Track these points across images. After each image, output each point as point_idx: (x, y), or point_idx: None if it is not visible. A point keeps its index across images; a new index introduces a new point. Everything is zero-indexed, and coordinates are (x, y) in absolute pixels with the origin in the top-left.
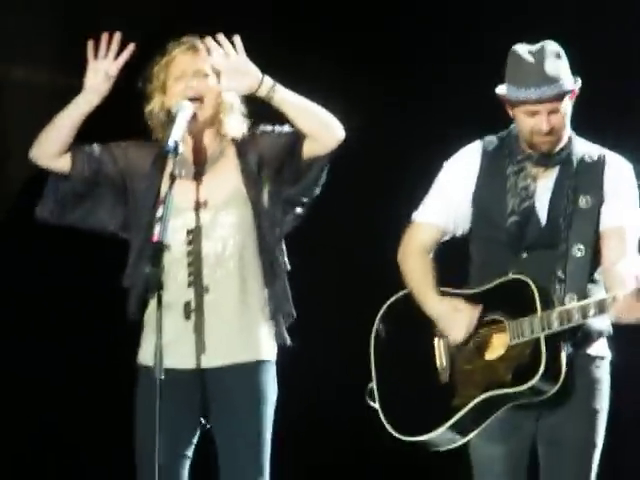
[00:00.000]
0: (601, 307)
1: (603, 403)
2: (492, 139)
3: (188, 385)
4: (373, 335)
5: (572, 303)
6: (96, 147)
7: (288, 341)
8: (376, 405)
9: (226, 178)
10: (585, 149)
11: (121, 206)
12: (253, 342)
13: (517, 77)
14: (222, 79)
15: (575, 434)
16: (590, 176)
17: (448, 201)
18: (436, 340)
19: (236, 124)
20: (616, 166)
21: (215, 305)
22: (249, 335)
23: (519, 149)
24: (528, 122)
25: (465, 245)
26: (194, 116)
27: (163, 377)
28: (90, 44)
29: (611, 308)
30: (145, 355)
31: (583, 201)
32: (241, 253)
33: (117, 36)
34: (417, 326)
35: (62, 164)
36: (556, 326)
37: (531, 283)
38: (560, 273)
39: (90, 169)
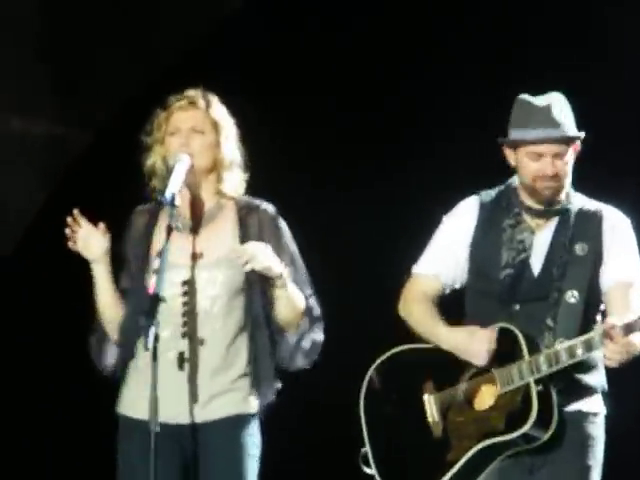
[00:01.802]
0: (588, 345)
1: (595, 460)
2: (489, 192)
3: (173, 438)
4: (362, 398)
5: (559, 345)
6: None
7: (270, 400)
8: (370, 470)
9: (222, 237)
10: (583, 202)
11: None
12: (237, 397)
13: (524, 119)
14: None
15: None
16: (588, 226)
17: (446, 254)
18: (426, 396)
19: (234, 181)
20: (615, 219)
21: (207, 358)
22: (233, 390)
23: (517, 202)
24: (532, 166)
25: (461, 298)
26: (191, 168)
27: (157, 429)
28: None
29: (599, 346)
30: (129, 405)
31: (579, 248)
32: (229, 313)
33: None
34: (405, 385)
35: None
36: (545, 369)
37: (516, 331)
38: (550, 321)
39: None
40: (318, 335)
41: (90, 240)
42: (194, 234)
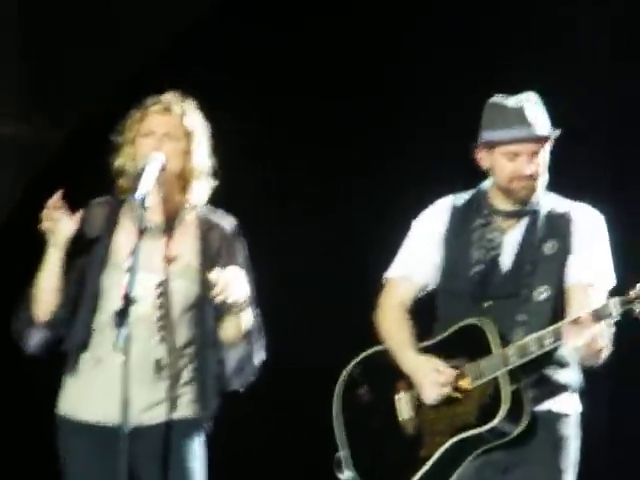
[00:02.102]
0: (557, 334)
1: (569, 460)
2: (462, 195)
3: (118, 440)
4: (337, 399)
5: (529, 337)
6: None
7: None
8: (344, 476)
9: (184, 246)
10: (554, 202)
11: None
12: (184, 401)
13: (499, 120)
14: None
15: None
16: (558, 224)
17: (418, 255)
18: (399, 394)
19: (201, 191)
20: (586, 216)
21: (139, 362)
22: (181, 395)
23: (486, 204)
24: (508, 167)
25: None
26: (163, 169)
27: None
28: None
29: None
30: (77, 407)
31: (549, 246)
32: (182, 322)
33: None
34: (379, 384)
35: None
36: (514, 360)
37: (485, 325)
38: (521, 317)
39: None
40: (258, 357)
41: (59, 224)
42: (166, 236)
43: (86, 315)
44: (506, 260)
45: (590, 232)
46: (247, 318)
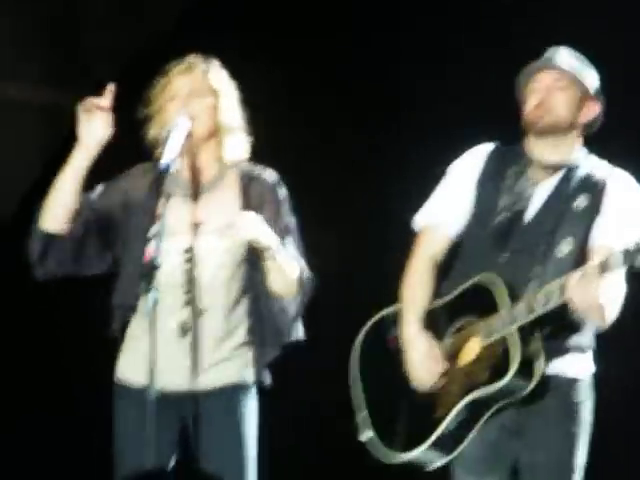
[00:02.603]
0: (563, 290)
1: (582, 424)
2: (502, 145)
3: (171, 406)
4: (355, 358)
5: (535, 292)
6: (93, 198)
7: (267, 379)
8: (364, 437)
9: (224, 206)
10: (595, 163)
11: (108, 248)
12: (237, 365)
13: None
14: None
15: (551, 459)
16: (593, 182)
17: (456, 201)
18: None
19: (236, 147)
20: (623, 182)
21: (208, 327)
22: (233, 359)
23: (525, 152)
24: (531, 100)
25: None
26: (189, 134)
27: (155, 395)
28: (88, 102)
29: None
30: (128, 372)
31: (579, 201)
32: (230, 281)
33: (110, 88)
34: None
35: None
36: (523, 317)
37: (497, 281)
38: (539, 271)
39: (95, 226)
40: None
41: (96, 123)
42: (195, 201)
43: (133, 281)
44: (531, 212)
45: (627, 197)
46: (289, 268)
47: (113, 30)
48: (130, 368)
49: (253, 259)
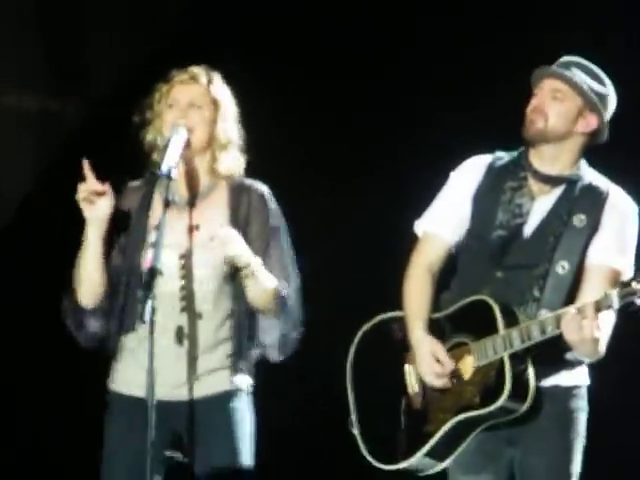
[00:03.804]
0: (559, 322)
1: (577, 433)
2: (502, 155)
3: (165, 415)
4: (349, 362)
5: (533, 320)
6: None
7: (250, 380)
8: (356, 431)
9: (213, 216)
10: (593, 177)
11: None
12: (231, 372)
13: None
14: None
15: (548, 464)
16: (591, 200)
17: (454, 212)
18: (407, 366)
19: (229, 162)
20: (621, 201)
21: (204, 333)
22: (227, 366)
23: (525, 164)
24: (529, 106)
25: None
26: (187, 142)
27: (154, 404)
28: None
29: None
30: (122, 382)
31: (577, 220)
32: (222, 290)
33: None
34: (388, 353)
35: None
36: (517, 344)
37: (493, 303)
38: (536, 291)
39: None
40: (291, 331)
41: (95, 198)
42: (190, 208)
43: (134, 297)
44: (530, 229)
45: (622, 216)
46: (267, 284)
47: (112, 38)
48: (126, 378)
49: (236, 275)
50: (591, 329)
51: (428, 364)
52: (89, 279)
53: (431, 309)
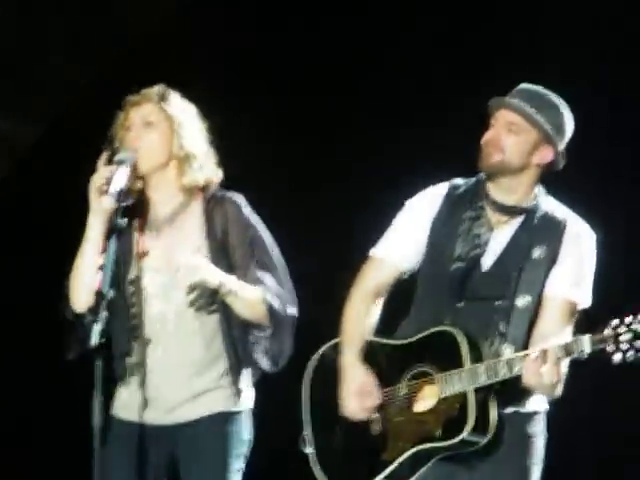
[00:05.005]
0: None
1: (535, 458)
2: (459, 183)
3: (158, 439)
4: (305, 384)
5: (500, 357)
6: None
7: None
8: (310, 450)
9: (186, 235)
10: (551, 207)
11: None
12: (223, 394)
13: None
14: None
15: None
16: (550, 231)
17: (406, 239)
18: None
19: (194, 174)
20: (579, 229)
21: (190, 357)
22: (218, 388)
23: (483, 194)
24: (483, 138)
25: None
26: (134, 167)
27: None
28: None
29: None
30: (118, 407)
31: (537, 253)
32: (203, 313)
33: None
34: None
35: None
36: (483, 380)
37: (459, 335)
38: (502, 326)
39: None
40: (284, 339)
41: (105, 189)
42: (142, 233)
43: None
44: (488, 260)
45: (582, 245)
46: (251, 297)
47: (67, 61)
48: (120, 403)
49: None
50: (550, 375)
51: (353, 396)
52: (87, 281)
53: (368, 334)
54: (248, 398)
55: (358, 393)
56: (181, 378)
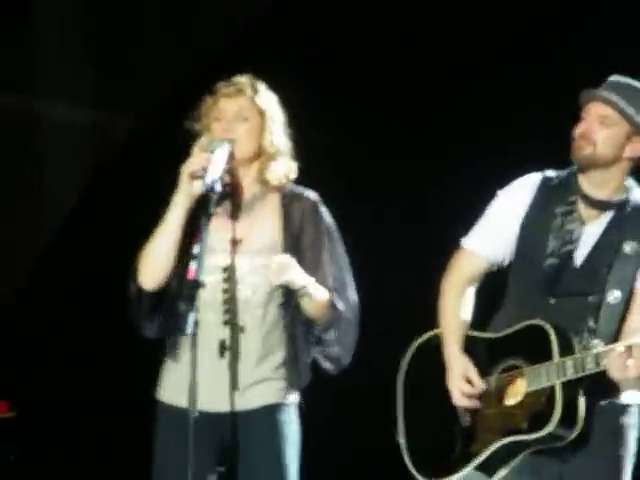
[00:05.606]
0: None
1: (627, 449)
2: (552, 175)
3: (211, 427)
4: (402, 374)
5: (588, 351)
6: None
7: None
8: (401, 440)
9: (264, 225)
10: None
11: None
12: (277, 385)
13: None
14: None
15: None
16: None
17: (497, 232)
18: None
19: (279, 170)
20: None
21: (247, 346)
22: (273, 379)
23: (575, 188)
24: (575, 131)
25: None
26: (232, 155)
27: (196, 414)
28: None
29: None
30: (168, 392)
31: (627, 247)
32: (269, 301)
33: None
34: (440, 370)
35: None
36: (570, 374)
37: (550, 330)
38: (591, 322)
39: None
40: (347, 341)
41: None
42: (234, 220)
43: (177, 303)
44: (580, 256)
45: None
46: (322, 299)
47: (160, 49)
48: (170, 389)
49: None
50: (636, 369)
51: (457, 383)
52: (162, 254)
53: (467, 325)
54: (297, 391)
55: (464, 382)
56: (234, 368)
